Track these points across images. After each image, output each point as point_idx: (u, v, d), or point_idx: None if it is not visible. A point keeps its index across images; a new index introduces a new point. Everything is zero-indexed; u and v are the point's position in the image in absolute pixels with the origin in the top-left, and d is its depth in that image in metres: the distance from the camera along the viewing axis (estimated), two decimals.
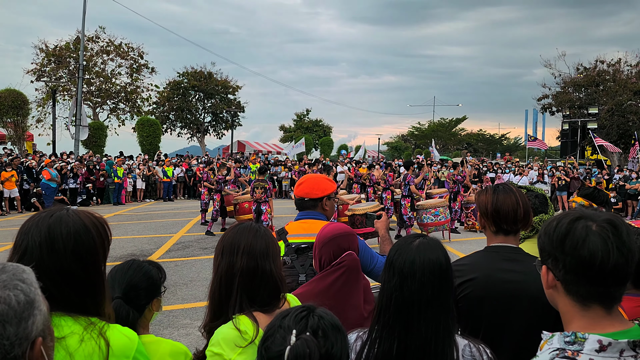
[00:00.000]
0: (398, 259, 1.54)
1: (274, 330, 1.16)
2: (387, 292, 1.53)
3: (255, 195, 11.44)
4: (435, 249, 1.56)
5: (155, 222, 14.77)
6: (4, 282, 0.90)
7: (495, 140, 63.98)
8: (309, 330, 1.13)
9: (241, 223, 1.89)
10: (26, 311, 0.89)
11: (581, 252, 1.19)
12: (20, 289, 0.91)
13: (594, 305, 1.23)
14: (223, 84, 41.14)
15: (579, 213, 1.27)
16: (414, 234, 1.65)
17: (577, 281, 1.22)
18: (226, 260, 1.76)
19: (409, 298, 1.49)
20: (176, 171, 22.95)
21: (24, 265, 0.97)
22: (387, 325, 1.50)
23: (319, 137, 47.24)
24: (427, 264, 1.51)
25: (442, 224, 11.84)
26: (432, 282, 1.50)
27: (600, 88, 34.54)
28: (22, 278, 0.93)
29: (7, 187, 16.55)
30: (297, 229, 2.77)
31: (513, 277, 2.01)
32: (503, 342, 1.99)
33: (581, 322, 1.23)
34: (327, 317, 1.18)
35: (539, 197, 2.66)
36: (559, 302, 1.30)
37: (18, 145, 24.61)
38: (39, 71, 32.82)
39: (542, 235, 1.31)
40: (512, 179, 21.38)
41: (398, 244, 1.60)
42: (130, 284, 1.84)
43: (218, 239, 1.86)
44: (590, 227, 1.21)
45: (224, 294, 1.75)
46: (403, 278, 1.51)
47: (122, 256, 9.60)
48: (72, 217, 1.45)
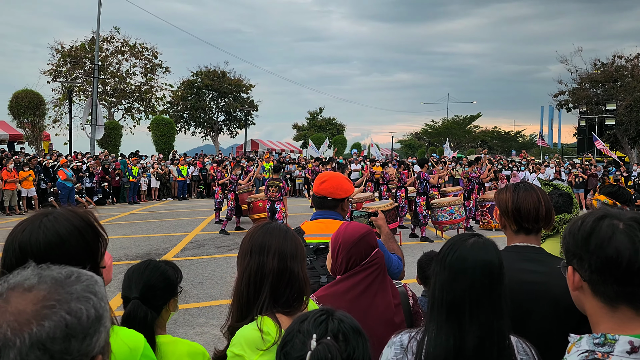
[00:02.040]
0: (450, 253, 1.54)
1: (293, 335, 1.13)
2: (438, 286, 1.53)
3: (269, 194, 11.46)
4: (490, 250, 1.54)
5: (170, 220, 14.87)
6: (78, 294, 0.86)
7: (511, 137, 63.28)
8: (329, 335, 1.10)
9: (268, 223, 1.85)
10: (93, 327, 0.85)
11: (607, 251, 1.17)
12: (92, 304, 0.86)
13: (622, 305, 1.19)
14: (236, 82, 41.34)
15: (603, 212, 1.24)
16: (471, 233, 1.63)
17: (604, 281, 1.19)
18: (256, 260, 1.73)
19: (460, 295, 1.49)
20: (190, 170, 23.09)
21: (97, 276, 0.93)
22: (442, 320, 1.50)
23: (332, 135, 47.17)
24: (479, 263, 1.50)
25: (457, 222, 11.73)
26: (482, 282, 1.49)
27: (618, 84, 34.03)
28: (94, 291, 0.89)
29: (25, 186, 16.79)
30: (314, 229, 2.71)
31: (534, 278, 1.96)
32: None
33: (610, 324, 1.20)
34: (347, 320, 1.15)
35: (564, 196, 2.59)
36: (585, 303, 1.27)
37: (35, 145, 24.95)
38: (55, 72, 33.28)
39: (567, 236, 1.28)
40: (528, 177, 21.14)
41: (452, 240, 1.59)
42: (147, 284, 1.83)
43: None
44: (616, 226, 1.18)
45: (252, 295, 1.72)
46: (454, 274, 1.51)
47: (137, 255, 9.67)
48: (67, 214, 1.39)
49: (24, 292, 0.83)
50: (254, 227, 1.85)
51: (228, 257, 9.56)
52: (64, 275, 0.88)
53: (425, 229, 11.79)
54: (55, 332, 0.80)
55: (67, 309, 0.83)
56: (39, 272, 0.87)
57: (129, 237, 11.82)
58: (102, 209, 18.20)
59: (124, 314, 1.80)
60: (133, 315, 1.75)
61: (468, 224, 12.93)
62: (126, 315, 1.77)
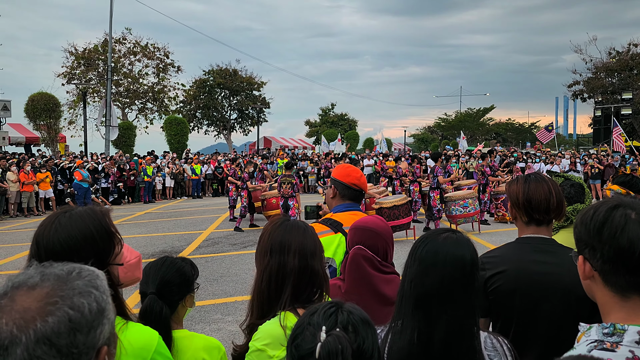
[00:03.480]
0: (421, 247, 1.54)
1: (303, 327, 1.15)
2: (407, 278, 1.53)
3: (282, 191, 11.50)
4: (463, 245, 1.52)
5: (185, 219, 15.01)
6: (80, 289, 0.89)
7: (525, 129, 62.52)
8: (339, 326, 1.11)
9: (286, 219, 1.85)
10: (96, 320, 0.88)
11: (620, 241, 1.16)
12: (94, 297, 0.90)
13: (634, 295, 1.19)
14: (248, 80, 41.45)
15: (617, 201, 1.23)
16: (445, 228, 1.62)
17: (616, 271, 1.19)
18: (277, 260, 1.73)
19: (430, 288, 1.48)
20: (204, 168, 23.25)
21: (98, 270, 0.97)
22: (408, 314, 1.50)
23: (344, 131, 47.11)
24: (449, 258, 1.49)
25: (471, 215, 11.66)
26: (453, 277, 1.47)
27: (634, 72, 33.46)
28: (96, 285, 0.92)
29: (42, 188, 17.06)
30: (351, 221, 2.64)
31: (545, 269, 1.96)
32: (535, 334, 1.95)
33: (620, 314, 1.20)
34: (356, 312, 1.17)
35: (575, 186, 2.58)
36: (596, 293, 1.26)
37: (51, 146, 25.32)
38: (69, 74, 33.71)
39: (579, 225, 1.27)
40: (543, 169, 20.93)
41: (426, 234, 1.59)
42: (164, 280, 1.87)
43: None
44: (629, 215, 1.18)
45: (273, 293, 1.72)
46: (424, 267, 1.50)
47: (154, 253, 9.79)
48: (87, 211, 1.51)
49: (28, 291, 0.86)
50: (271, 223, 1.84)
51: (243, 254, 9.63)
52: (66, 271, 0.91)
53: (439, 223, 11.75)
54: (60, 327, 0.83)
55: (70, 304, 0.86)
56: (42, 270, 0.91)
57: (145, 235, 11.96)
58: (118, 209, 18.42)
59: (140, 308, 1.84)
60: (149, 309, 1.79)
61: (482, 217, 12.85)
62: (143, 310, 1.81)
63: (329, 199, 2.89)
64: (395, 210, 10.48)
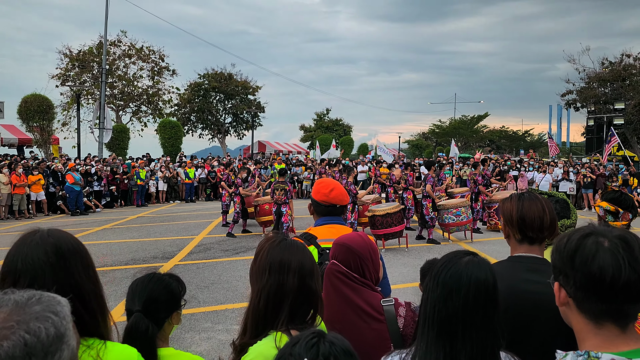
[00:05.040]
0: (444, 271, 1.53)
1: (285, 358, 1.14)
2: (430, 303, 1.52)
3: (275, 197, 11.47)
4: (484, 269, 1.53)
5: (177, 224, 14.93)
6: (37, 314, 0.89)
7: (519, 136, 62.85)
8: (320, 358, 1.11)
9: (283, 237, 1.83)
10: (53, 345, 0.88)
11: (591, 268, 1.18)
12: (52, 322, 0.89)
13: (607, 323, 1.20)
14: (243, 84, 41.43)
15: (590, 229, 1.25)
16: (465, 251, 1.63)
17: (588, 298, 1.20)
18: (276, 279, 1.71)
19: (453, 313, 1.48)
20: (198, 172, 23.18)
21: (60, 297, 0.96)
22: (432, 339, 1.49)
23: (339, 136, 47.17)
24: (473, 282, 1.49)
25: (464, 224, 11.68)
26: (476, 301, 1.48)
27: (627, 82, 33.71)
28: (55, 310, 0.92)
29: (34, 190, 16.92)
30: (327, 234, 2.72)
31: (537, 289, 1.95)
32: (526, 354, 1.94)
33: (595, 341, 1.21)
34: (338, 342, 1.15)
35: (560, 202, 2.59)
36: (572, 319, 1.28)
37: (44, 148, 25.16)
38: (63, 76, 33.58)
39: (554, 252, 1.30)
40: (536, 177, 21.01)
41: (447, 257, 1.59)
42: (151, 297, 1.84)
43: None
44: (601, 243, 1.20)
45: (270, 313, 1.70)
46: (448, 291, 1.50)
47: (145, 258, 9.72)
48: (60, 233, 1.46)
49: None
50: (267, 241, 1.82)
51: (234, 260, 9.57)
52: (26, 297, 0.92)
53: (432, 231, 11.75)
54: (15, 351, 0.83)
55: (26, 329, 0.86)
56: (1, 297, 0.92)
57: (136, 240, 11.88)
58: (110, 212, 18.31)
59: (126, 326, 1.81)
60: (135, 328, 1.76)
61: (475, 226, 12.86)
62: (128, 328, 1.78)
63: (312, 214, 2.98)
64: (388, 218, 10.48)
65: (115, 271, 8.66)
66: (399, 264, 9.27)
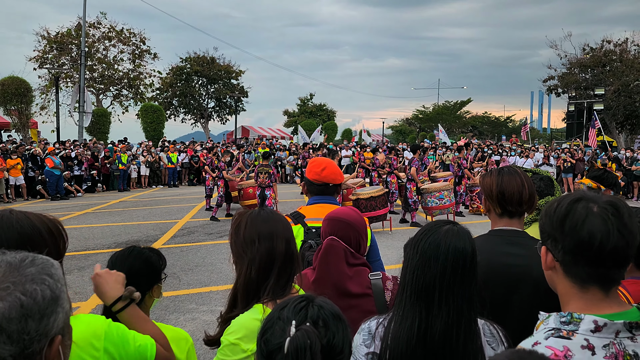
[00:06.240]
0: (423, 239, 1.56)
1: (273, 322, 1.14)
2: (409, 270, 1.55)
3: (259, 181, 11.44)
4: (464, 237, 1.55)
5: (160, 208, 14.82)
6: (32, 276, 0.88)
7: (501, 122, 63.45)
8: (308, 321, 1.11)
9: (262, 210, 1.87)
10: (50, 307, 0.87)
11: (580, 233, 1.19)
12: (47, 284, 0.89)
13: (593, 287, 1.22)
14: (226, 69, 40.92)
15: (580, 194, 1.26)
16: (446, 220, 1.64)
17: (576, 262, 1.22)
18: (266, 246, 1.75)
19: (431, 280, 1.51)
20: (181, 157, 22.97)
21: (53, 260, 0.95)
22: (409, 304, 1.53)
23: (322, 121, 47.02)
24: (451, 251, 1.52)
25: (446, 207, 11.79)
26: (454, 269, 1.51)
27: (607, 68, 34.13)
28: (50, 273, 0.91)
29: (13, 174, 16.62)
30: (315, 213, 2.72)
31: (516, 261, 1.98)
32: (505, 326, 1.97)
33: (579, 304, 1.23)
34: (327, 306, 1.15)
35: (544, 180, 2.62)
36: (557, 283, 1.30)
37: (22, 132, 24.65)
38: (41, 58, 32.77)
39: (543, 216, 1.31)
40: (518, 162, 21.26)
41: (427, 226, 1.61)
42: (131, 270, 1.82)
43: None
44: (590, 209, 1.21)
45: (262, 280, 1.73)
46: (426, 259, 1.53)
47: (127, 242, 9.64)
48: (16, 216, 1.41)
49: None
50: (246, 214, 1.84)
51: (218, 243, 9.55)
52: (19, 259, 0.90)
53: (415, 215, 11.85)
54: (11, 312, 0.82)
55: (22, 290, 0.85)
56: None
57: (119, 224, 11.77)
58: (92, 197, 18.09)
59: None
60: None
61: (458, 209, 13.01)
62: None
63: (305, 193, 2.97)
64: (372, 201, 10.52)
65: (98, 255, 8.58)
66: (382, 247, 9.27)
